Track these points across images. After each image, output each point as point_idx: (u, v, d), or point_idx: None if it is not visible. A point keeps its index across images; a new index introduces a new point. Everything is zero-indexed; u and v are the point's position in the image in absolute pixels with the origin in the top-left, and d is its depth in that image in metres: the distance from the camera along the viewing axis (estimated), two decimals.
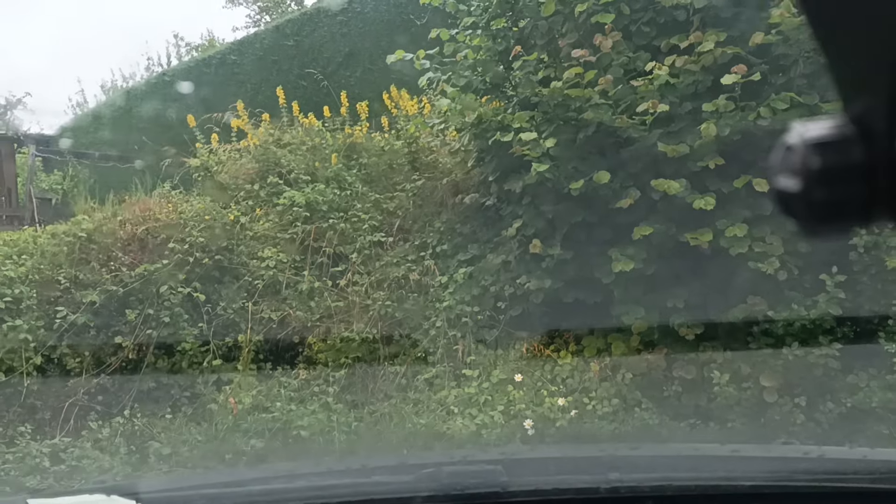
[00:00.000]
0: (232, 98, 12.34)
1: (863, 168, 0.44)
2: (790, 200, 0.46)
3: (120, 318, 5.26)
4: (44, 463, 4.34)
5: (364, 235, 5.90)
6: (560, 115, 5.17)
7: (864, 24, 0.43)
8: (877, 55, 0.43)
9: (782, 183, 0.47)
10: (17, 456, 4.40)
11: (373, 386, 5.27)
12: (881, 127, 0.43)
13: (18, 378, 4.86)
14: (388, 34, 11.19)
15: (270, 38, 12.44)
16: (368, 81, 10.38)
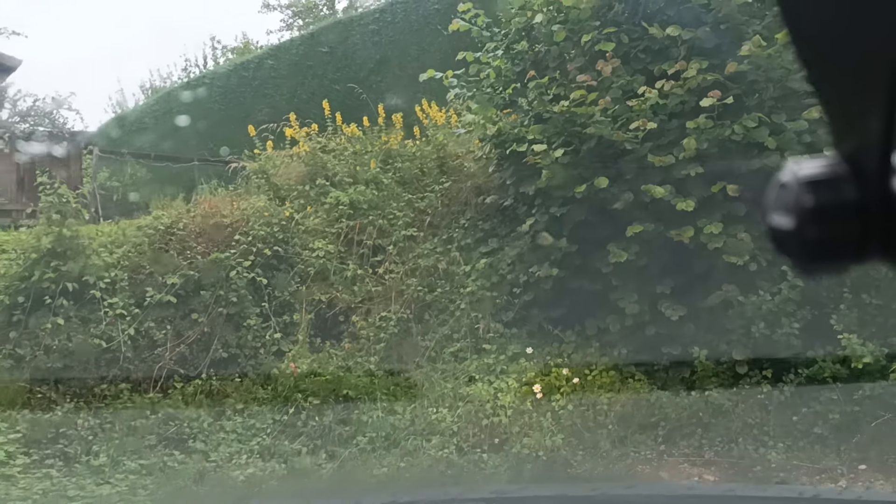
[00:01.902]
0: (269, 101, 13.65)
1: (856, 206, 0.44)
2: (784, 238, 0.47)
3: (195, 298, 6.48)
4: (145, 412, 5.57)
5: (399, 230, 7.08)
6: (567, 130, 6.29)
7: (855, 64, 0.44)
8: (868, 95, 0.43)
9: (776, 221, 0.47)
10: (120, 408, 5.63)
11: (407, 357, 6.44)
12: (873, 165, 0.43)
13: (117, 346, 6.10)
14: (417, 42, 12.37)
15: (306, 45, 13.66)
16: (398, 87, 11.55)
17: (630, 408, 6.07)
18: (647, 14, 6.29)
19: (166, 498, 4.28)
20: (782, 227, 0.46)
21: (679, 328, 6.12)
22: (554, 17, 6.58)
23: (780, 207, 0.47)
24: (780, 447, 5.70)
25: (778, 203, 0.47)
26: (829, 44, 0.45)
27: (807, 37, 0.46)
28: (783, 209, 0.47)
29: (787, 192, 0.47)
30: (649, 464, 5.84)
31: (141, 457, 4.93)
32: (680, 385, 6.13)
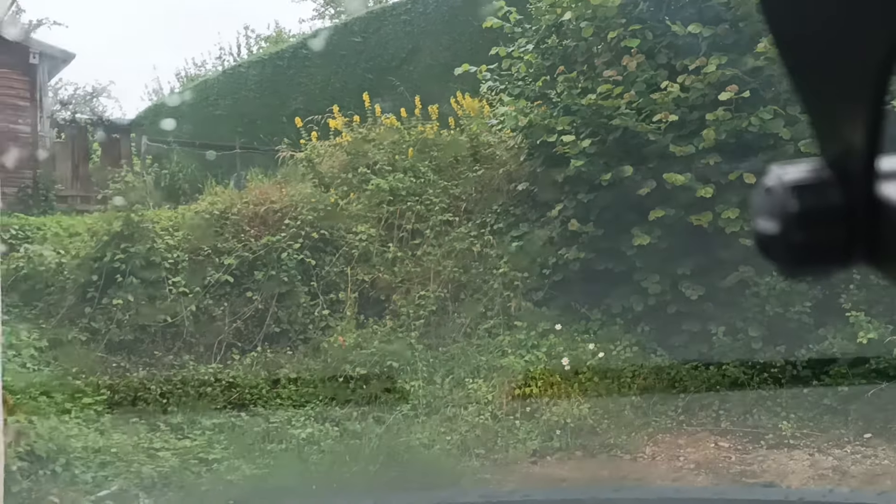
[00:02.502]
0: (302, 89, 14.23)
1: (841, 211, 0.45)
2: (769, 243, 0.47)
3: (249, 278, 7.11)
4: (210, 380, 6.23)
5: (435, 215, 7.65)
6: (594, 121, 6.81)
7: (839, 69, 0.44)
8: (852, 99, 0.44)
9: (761, 225, 0.48)
10: (188, 375, 6.29)
11: (444, 333, 7.03)
12: (858, 170, 0.44)
13: (180, 321, 6.76)
14: (448, 32, 12.85)
15: (339, 35, 14.20)
16: (429, 75, 12.06)
17: (652, 380, 6.60)
18: (670, 12, 6.77)
19: (240, 451, 4.92)
20: (768, 232, 0.47)
21: (698, 307, 6.63)
22: (582, 15, 7.07)
23: (765, 212, 0.48)
24: (791, 417, 6.20)
25: (763, 208, 0.48)
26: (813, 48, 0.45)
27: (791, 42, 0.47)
28: (768, 214, 0.47)
29: (773, 196, 0.47)
30: (669, 432, 6.38)
31: (211, 417, 5.58)
32: (698, 359, 6.65)
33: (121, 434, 4.94)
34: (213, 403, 5.93)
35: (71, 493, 3.57)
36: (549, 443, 6.08)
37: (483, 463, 5.67)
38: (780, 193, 0.47)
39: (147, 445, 4.76)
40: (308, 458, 5.05)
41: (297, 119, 8.72)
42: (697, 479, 5.51)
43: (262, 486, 4.31)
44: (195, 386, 6.15)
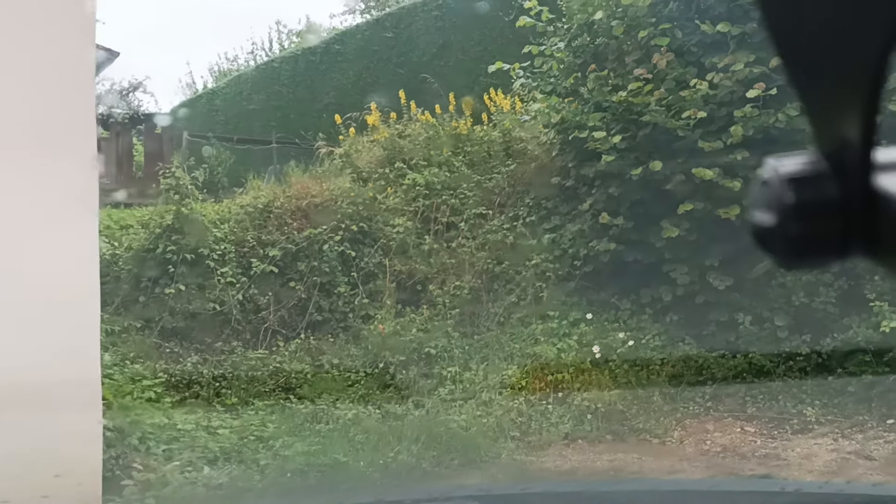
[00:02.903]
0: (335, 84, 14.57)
1: (837, 203, 0.45)
2: (766, 235, 0.47)
3: (293, 268, 7.49)
4: (258, 364, 6.62)
5: (470, 209, 7.97)
6: (624, 117, 7.08)
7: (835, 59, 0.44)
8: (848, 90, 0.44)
9: (758, 217, 0.48)
10: (237, 360, 6.69)
11: (478, 322, 7.36)
12: (855, 162, 0.44)
13: (228, 309, 7.15)
14: (479, 27, 13.12)
15: (371, 30, 14.54)
16: (461, 70, 12.36)
17: (680, 368, 6.88)
18: (699, 11, 7.01)
19: (291, 429, 5.29)
20: (764, 224, 0.47)
21: (726, 297, 6.89)
22: (613, 14, 7.33)
23: (762, 204, 0.48)
24: (816, 404, 6.45)
25: (760, 200, 0.48)
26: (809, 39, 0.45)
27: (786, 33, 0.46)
28: (765, 206, 0.47)
29: (769, 189, 0.47)
30: (697, 417, 6.66)
31: (262, 399, 5.96)
32: (725, 348, 6.91)
33: (180, 413, 5.33)
34: (262, 386, 6.32)
35: (151, 462, 3.95)
36: (581, 427, 6.38)
37: (518, 444, 5.98)
38: (776, 185, 0.47)
39: (206, 424, 5.14)
40: (354, 437, 5.40)
41: (337, 116, 9.06)
42: (724, 461, 5.79)
43: (315, 462, 4.67)
44: (244, 370, 6.54)
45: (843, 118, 0.45)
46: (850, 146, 0.45)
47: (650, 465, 5.74)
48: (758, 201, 0.48)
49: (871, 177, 0.44)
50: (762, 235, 0.48)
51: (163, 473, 3.72)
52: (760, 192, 0.48)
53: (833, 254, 0.47)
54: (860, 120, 0.44)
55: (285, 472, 4.43)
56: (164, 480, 3.65)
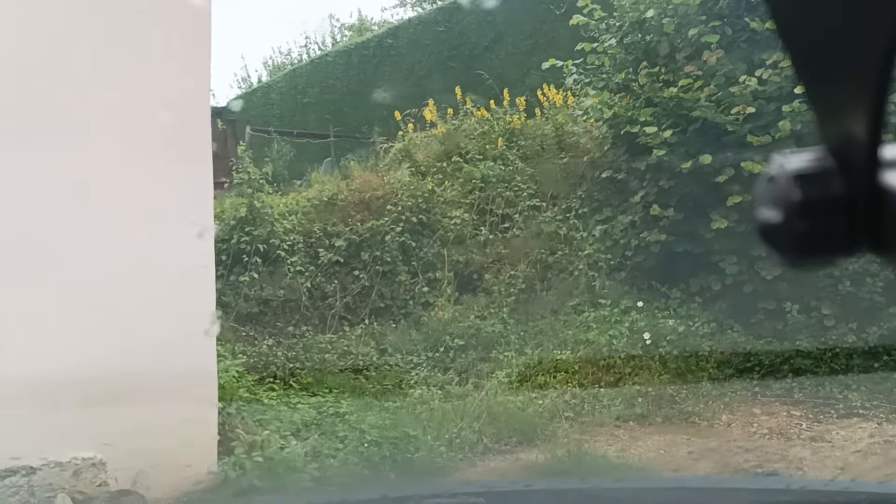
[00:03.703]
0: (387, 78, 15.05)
1: (843, 200, 0.45)
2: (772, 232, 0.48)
3: (356, 258, 8.01)
4: (325, 346, 7.16)
5: (524, 201, 8.39)
6: (675, 113, 7.42)
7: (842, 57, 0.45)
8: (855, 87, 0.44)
9: (764, 214, 0.49)
10: (308, 343, 7.24)
11: (532, 309, 7.79)
12: (861, 159, 0.44)
13: (297, 296, 7.71)
14: (530, 21, 13.46)
15: (423, 24, 14.98)
16: (512, 64, 12.74)
17: (728, 355, 7.22)
18: (749, 8, 7.30)
19: (362, 406, 5.81)
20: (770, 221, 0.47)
21: (774, 286, 7.20)
22: (664, 12, 7.66)
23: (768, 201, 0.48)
24: (861, 390, 6.73)
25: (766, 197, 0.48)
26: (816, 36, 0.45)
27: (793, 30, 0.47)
28: (771, 203, 0.47)
29: (776, 185, 0.47)
30: (744, 402, 6.99)
31: (334, 378, 6.50)
32: (773, 336, 7.23)
33: (262, 390, 5.89)
34: (333, 367, 6.86)
35: (252, 426, 4.49)
36: (632, 409, 6.77)
37: (572, 425, 6.40)
38: (782, 182, 0.47)
39: (286, 400, 5.69)
40: (420, 415, 5.89)
41: (397, 113, 9.56)
42: (770, 442, 6.13)
43: (387, 435, 5.17)
44: (315, 352, 7.09)
45: (850, 115, 0.45)
46: (857, 143, 0.44)
47: (698, 444, 6.11)
48: (764, 198, 0.49)
49: (877, 174, 0.44)
50: (768, 232, 0.49)
51: (260, 439, 4.25)
52: (767, 188, 0.49)
53: (839, 251, 0.48)
54: (867, 117, 0.44)
55: (362, 443, 4.93)
56: (263, 445, 4.18)
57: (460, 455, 5.50)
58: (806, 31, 0.47)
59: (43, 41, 3.30)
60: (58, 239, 3.36)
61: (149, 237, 3.62)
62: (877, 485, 2.94)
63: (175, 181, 3.61)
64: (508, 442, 5.90)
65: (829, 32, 0.45)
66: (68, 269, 3.34)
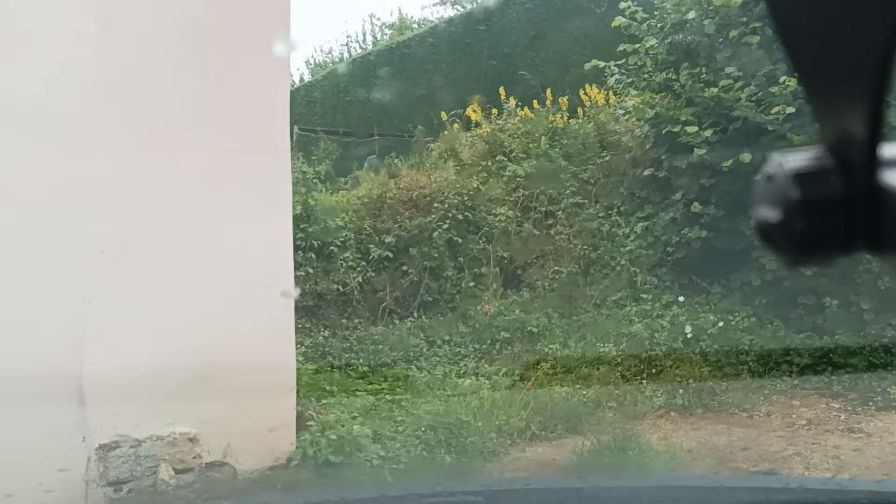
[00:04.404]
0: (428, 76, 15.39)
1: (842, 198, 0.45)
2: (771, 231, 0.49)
3: (405, 254, 8.40)
4: (378, 338, 7.57)
5: (566, 198, 8.71)
6: (716, 112, 7.68)
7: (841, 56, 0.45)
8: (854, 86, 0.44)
9: (763, 213, 0.49)
10: (362, 335, 7.65)
11: (575, 304, 8.12)
12: (860, 158, 0.45)
13: (350, 290, 8.13)
14: (570, 19, 13.73)
15: (464, 23, 15.32)
16: (552, 62, 13.03)
17: (768, 348, 7.47)
18: None
19: (416, 394, 6.20)
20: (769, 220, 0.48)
21: (813, 281, 7.42)
22: (705, 13, 7.91)
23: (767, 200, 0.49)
24: None
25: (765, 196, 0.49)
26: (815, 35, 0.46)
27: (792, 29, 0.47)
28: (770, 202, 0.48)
29: (774, 184, 0.48)
30: (783, 393, 7.25)
31: (389, 367, 6.92)
32: (812, 330, 7.47)
33: (322, 378, 6.31)
34: (386, 357, 7.27)
35: (319, 410, 4.90)
36: (673, 400, 7.06)
37: (615, 414, 6.72)
38: (781, 181, 0.48)
39: (345, 387, 6.11)
40: (470, 403, 6.25)
41: (443, 113, 9.93)
42: (808, 433, 6.39)
43: (441, 420, 5.54)
44: (368, 343, 7.50)
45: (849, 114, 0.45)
46: (856, 142, 0.45)
47: (738, 434, 6.39)
48: (763, 197, 0.49)
49: (875, 173, 0.45)
50: (767, 231, 0.49)
51: (328, 422, 4.64)
52: (765, 187, 0.49)
53: (838, 250, 0.48)
54: (865, 116, 0.44)
55: (419, 427, 5.32)
56: (332, 426, 4.57)
57: (509, 441, 5.86)
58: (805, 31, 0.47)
59: (170, 72, 3.71)
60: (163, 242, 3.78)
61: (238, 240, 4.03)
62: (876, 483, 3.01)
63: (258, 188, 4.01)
64: (555, 430, 6.24)
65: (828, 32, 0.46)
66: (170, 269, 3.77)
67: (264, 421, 3.97)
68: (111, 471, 3.56)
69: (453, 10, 17.51)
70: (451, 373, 6.98)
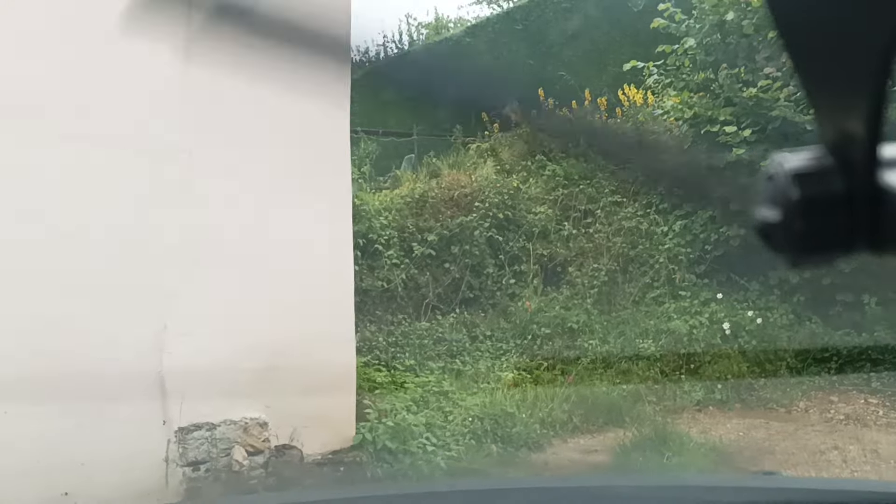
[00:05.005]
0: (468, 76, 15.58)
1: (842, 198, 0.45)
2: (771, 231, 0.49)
3: (447, 252, 8.70)
4: (422, 333, 7.86)
5: (605, 197, 8.93)
6: (754, 112, 7.84)
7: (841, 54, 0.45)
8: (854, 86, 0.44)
9: (763, 213, 0.49)
10: (406, 330, 7.95)
11: (614, 301, 8.34)
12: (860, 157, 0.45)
13: (394, 287, 8.44)
14: (608, 18, 13.89)
15: (501, 22, 15.55)
16: (590, 61, 13.19)
17: (806, 344, 7.62)
18: None
19: (461, 386, 6.49)
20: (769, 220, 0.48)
21: (852, 279, 7.55)
22: (744, 14, 8.07)
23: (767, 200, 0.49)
24: None
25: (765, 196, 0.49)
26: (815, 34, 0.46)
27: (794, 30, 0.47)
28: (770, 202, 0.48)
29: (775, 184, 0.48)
30: (822, 389, 7.40)
31: (434, 361, 7.21)
32: (851, 327, 7.60)
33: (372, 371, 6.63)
34: (431, 351, 7.56)
35: (376, 396, 5.22)
36: (712, 395, 7.26)
37: (654, 408, 6.94)
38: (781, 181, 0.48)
39: (392, 380, 6.41)
40: (513, 395, 6.53)
41: (484, 114, 10.19)
42: (846, 427, 6.55)
43: (487, 411, 5.82)
44: (413, 338, 7.80)
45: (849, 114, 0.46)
46: (856, 142, 0.45)
47: (776, 428, 6.58)
48: (763, 197, 0.50)
49: (876, 172, 0.45)
50: (767, 231, 0.50)
51: (384, 410, 4.95)
52: (766, 187, 0.50)
53: (838, 250, 0.49)
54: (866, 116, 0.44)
55: (467, 418, 5.60)
56: (387, 415, 4.87)
57: (552, 432, 6.12)
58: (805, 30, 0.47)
59: None
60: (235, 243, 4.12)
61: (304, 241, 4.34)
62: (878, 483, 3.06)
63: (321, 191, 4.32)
64: (596, 422, 6.48)
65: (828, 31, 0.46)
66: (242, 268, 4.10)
67: (327, 408, 4.27)
68: (189, 452, 3.90)
69: (489, 9, 17.72)
70: (493, 367, 7.25)
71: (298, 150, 4.26)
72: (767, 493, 1.81)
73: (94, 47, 3.65)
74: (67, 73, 3.63)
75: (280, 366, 4.08)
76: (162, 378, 3.91)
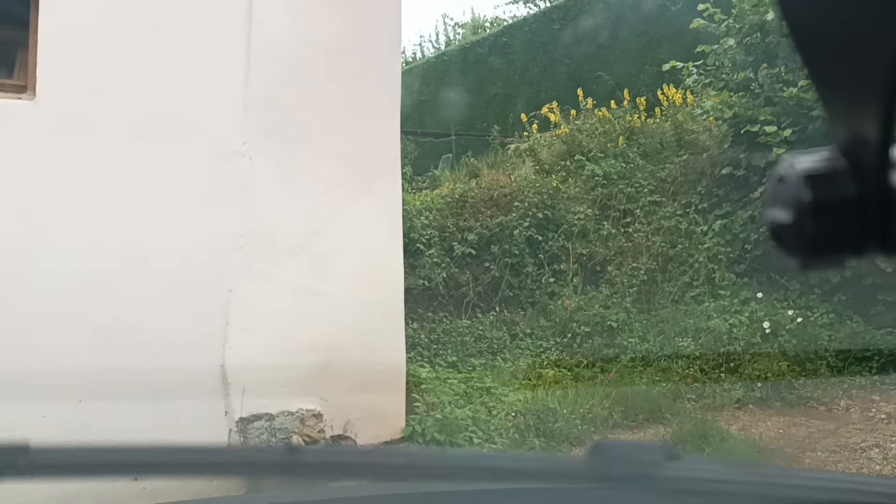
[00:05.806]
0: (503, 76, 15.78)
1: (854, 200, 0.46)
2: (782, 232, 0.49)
3: (487, 251, 8.87)
4: (463, 330, 8.05)
5: (644, 197, 9.04)
6: (794, 111, 7.90)
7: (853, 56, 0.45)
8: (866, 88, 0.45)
9: (774, 215, 0.50)
10: (447, 327, 8.16)
11: (654, 300, 8.45)
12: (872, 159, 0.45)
13: (435, 285, 8.64)
14: (644, 18, 13.95)
15: (538, 22, 15.69)
16: (627, 60, 13.28)
17: (847, 344, 7.67)
18: None
19: (503, 382, 6.67)
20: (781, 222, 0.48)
21: (893, 278, 7.59)
22: None
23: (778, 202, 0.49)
24: None
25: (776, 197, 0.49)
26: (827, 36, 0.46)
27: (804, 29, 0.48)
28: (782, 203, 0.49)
29: (786, 186, 0.49)
30: (863, 388, 7.45)
31: (475, 358, 7.40)
32: (893, 326, 7.63)
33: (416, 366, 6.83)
34: (472, 348, 7.76)
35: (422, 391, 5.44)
36: (751, 393, 7.34)
37: (694, 405, 7.06)
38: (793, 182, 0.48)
39: (437, 376, 6.61)
40: (554, 392, 6.70)
41: (523, 116, 10.36)
42: (888, 426, 6.60)
43: (529, 407, 6.00)
44: (454, 336, 8.00)
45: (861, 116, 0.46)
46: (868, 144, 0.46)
47: (817, 426, 6.65)
48: (774, 198, 0.51)
49: (887, 174, 0.45)
50: (778, 233, 0.50)
51: (432, 403, 5.15)
52: (777, 189, 0.51)
53: (849, 252, 0.49)
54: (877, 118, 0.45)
55: (510, 413, 5.79)
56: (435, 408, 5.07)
57: (593, 428, 6.27)
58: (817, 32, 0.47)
59: None
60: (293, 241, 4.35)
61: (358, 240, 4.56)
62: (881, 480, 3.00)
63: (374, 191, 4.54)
64: (636, 419, 6.62)
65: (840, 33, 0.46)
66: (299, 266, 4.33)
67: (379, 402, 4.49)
68: (250, 441, 4.13)
69: (526, 8, 17.86)
70: (534, 364, 7.42)
71: (354, 155, 4.47)
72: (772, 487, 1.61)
73: (166, 58, 3.90)
74: (143, 80, 3.89)
75: (335, 361, 4.30)
76: (224, 370, 4.15)
